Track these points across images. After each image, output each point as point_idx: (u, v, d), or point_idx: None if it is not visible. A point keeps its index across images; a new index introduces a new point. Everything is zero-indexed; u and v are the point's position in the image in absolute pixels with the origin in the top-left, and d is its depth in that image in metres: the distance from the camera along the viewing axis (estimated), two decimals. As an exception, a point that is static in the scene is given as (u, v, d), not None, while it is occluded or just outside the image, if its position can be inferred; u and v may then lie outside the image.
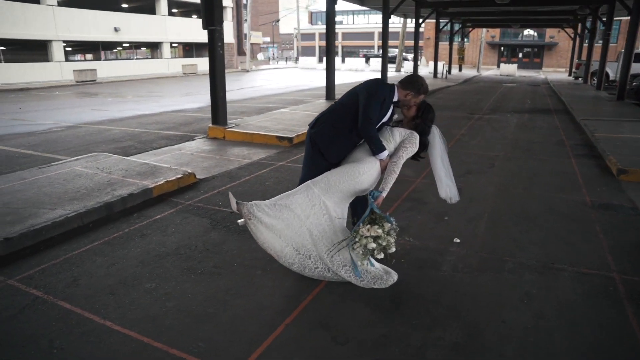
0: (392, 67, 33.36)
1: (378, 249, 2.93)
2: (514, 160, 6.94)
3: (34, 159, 6.98)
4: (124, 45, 32.11)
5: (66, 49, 26.33)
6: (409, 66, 32.68)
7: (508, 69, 31.91)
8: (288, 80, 26.05)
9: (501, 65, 35.72)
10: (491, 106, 13.89)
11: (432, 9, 23.84)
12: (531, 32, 45.01)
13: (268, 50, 68.49)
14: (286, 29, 73.83)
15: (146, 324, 2.77)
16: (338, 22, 62.29)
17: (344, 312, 2.91)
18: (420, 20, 23.25)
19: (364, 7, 23.94)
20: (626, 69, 13.95)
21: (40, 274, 3.39)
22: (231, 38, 37.39)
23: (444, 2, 22.29)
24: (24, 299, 3.06)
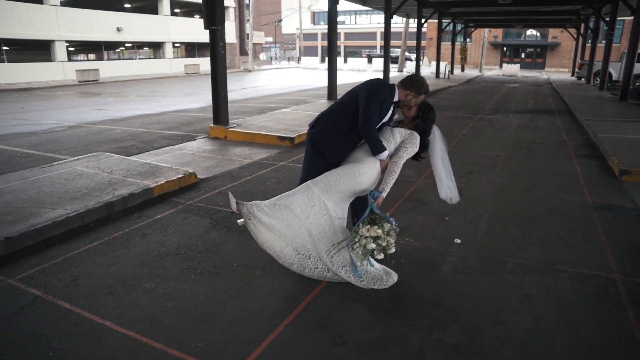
0: (395, 67, 33.33)
1: (378, 249, 2.92)
2: (515, 161, 6.92)
3: (35, 158, 6.99)
4: (127, 45, 32.20)
5: (69, 48, 26.43)
6: (411, 66, 32.69)
7: (510, 69, 31.85)
8: (290, 80, 26.06)
9: (503, 65, 35.65)
10: (493, 106, 13.86)
11: (434, 9, 23.82)
12: (534, 32, 44.91)
13: (270, 50, 68.53)
14: (289, 29, 73.91)
15: (145, 324, 2.77)
16: (340, 22, 62.25)
17: (344, 312, 2.90)
18: (423, 20, 23.20)
19: (366, 7, 23.91)
20: (629, 69, 13.89)
21: (40, 273, 3.39)
22: (233, 38, 37.43)
23: (446, 2, 22.22)
24: (23, 298, 3.06)
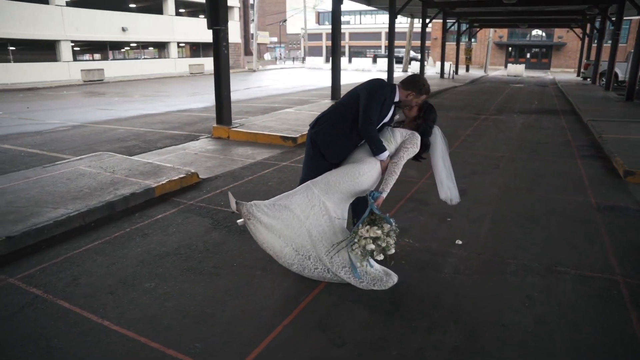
0: (399, 67, 33.26)
1: (377, 250, 2.91)
2: (519, 161, 6.88)
3: (39, 157, 7.02)
4: (132, 45, 32.31)
5: (74, 48, 26.53)
6: (416, 66, 32.57)
7: (515, 70, 31.67)
8: (294, 80, 26.06)
9: (508, 65, 35.47)
10: (497, 107, 13.80)
11: (438, 9, 23.74)
12: (539, 32, 44.67)
13: (275, 50, 68.56)
14: (293, 29, 73.89)
15: (144, 324, 2.77)
16: (345, 22, 62.28)
17: (343, 313, 2.89)
18: (427, 21, 23.15)
19: (370, 7, 23.90)
20: (636, 69, 13.79)
21: (40, 272, 3.40)
22: (238, 38, 37.46)
23: (451, 2, 22.16)
24: (23, 297, 3.07)
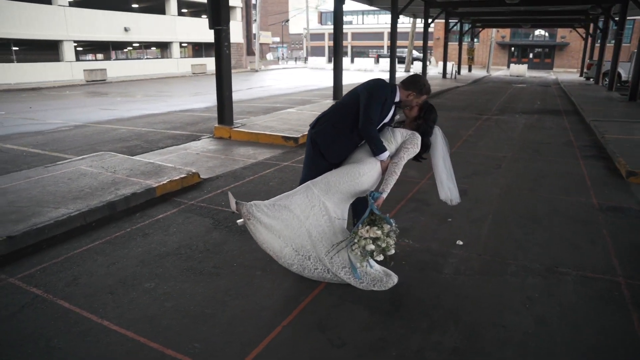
0: (401, 68, 33.21)
1: (377, 250, 2.90)
2: (521, 162, 6.86)
3: (41, 157, 7.04)
4: (134, 45, 32.38)
5: (77, 48, 26.62)
6: (418, 66, 32.51)
7: (518, 70, 31.61)
8: (297, 80, 26.07)
9: (511, 65, 35.38)
10: (500, 107, 13.76)
11: (441, 9, 23.70)
12: (542, 32, 44.57)
13: (277, 50, 68.60)
14: (296, 29, 73.92)
15: (144, 324, 2.77)
16: (347, 22, 62.22)
17: (343, 314, 2.88)
18: (430, 20, 23.11)
19: (373, 7, 23.87)
20: (639, 69, 13.73)
21: (41, 272, 3.41)
22: (240, 38, 37.50)
23: (453, 2, 22.12)
24: (24, 297, 3.07)
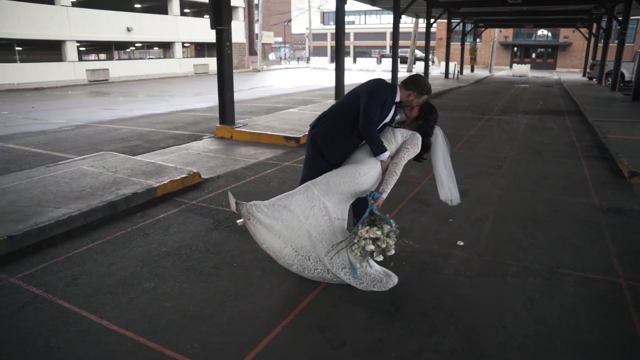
0: (404, 68, 33.18)
1: (377, 251, 2.89)
2: (522, 162, 6.84)
3: (42, 157, 7.06)
4: (137, 45, 32.42)
5: (79, 48, 26.68)
6: (421, 66, 32.51)
7: (521, 70, 31.53)
8: (299, 80, 26.07)
9: (514, 65, 35.31)
10: (502, 107, 13.73)
11: (443, 9, 23.67)
12: (545, 32, 44.44)
13: (280, 50, 68.62)
14: (298, 29, 73.89)
15: (143, 324, 2.77)
16: (350, 22, 62.17)
17: (342, 314, 2.87)
18: (432, 20, 23.07)
19: (375, 7, 23.84)
20: (642, 70, 13.68)
21: (41, 272, 3.41)
22: (243, 38, 37.52)
23: (456, 2, 22.07)
24: (24, 297, 3.07)
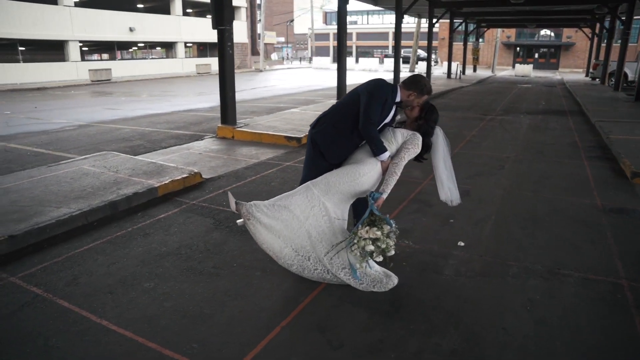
0: (406, 68, 33.14)
1: (377, 251, 2.88)
2: (524, 162, 6.82)
3: (44, 157, 7.07)
4: (139, 45, 32.48)
5: (82, 48, 26.73)
6: (423, 66, 32.42)
7: (523, 70, 31.45)
8: (301, 80, 26.06)
9: (516, 65, 35.21)
10: (504, 107, 13.69)
11: (445, 9, 23.63)
12: (548, 32, 44.33)
13: (282, 50, 68.63)
14: (300, 29, 73.91)
15: (142, 323, 2.77)
16: (352, 22, 62.15)
17: (342, 315, 2.86)
18: (434, 20, 23.04)
19: (377, 7, 23.84)
20: (645, 70, 13.63)
21: (41, 271, 3.41)
22: (245, 38, 37.52)
23: (458, 2, 22.04)
24: (24, 296, 3.08)
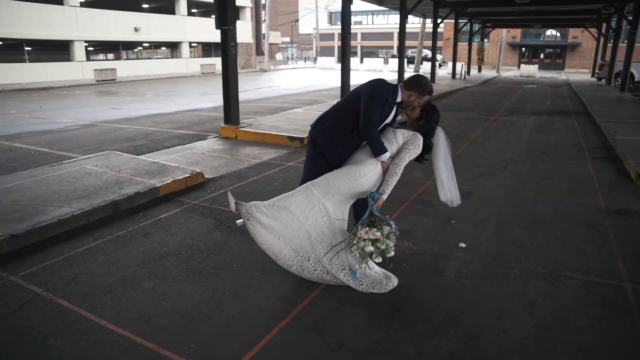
0: (411, 68, 33.05)
1: (376, 252, 2.86)
2: (528, 163, 6.78)
3: (48, 156, 7.10)
4: (144, 45, 32.58)
5: (87, 48, 26.87)
6: (428, 66, 32.32)
7: (528, 70, 31.30)
8: (305, 80, 26.06)
9: (521, 66, 35.04)
10: (509, 107, 13.62)
11: (450, 9, 23.54)
12: (553, 32, 44.09)
13: (287, 50, 68.69)
14: (305, 29, 73.95)
15: (141, 323, 2.76)
16: (357, 23, 62.06)
17: (341, 316, 2.85)
18: (439, 21, 22.95)
19: (382, 7, 23.75)
20: (651, 70, 13.52)
21: (42, 271, 3.42)
22: (250, 38, 37.58)
23: (463, 2, 21.95)
24: (24, 295, 3.09)
